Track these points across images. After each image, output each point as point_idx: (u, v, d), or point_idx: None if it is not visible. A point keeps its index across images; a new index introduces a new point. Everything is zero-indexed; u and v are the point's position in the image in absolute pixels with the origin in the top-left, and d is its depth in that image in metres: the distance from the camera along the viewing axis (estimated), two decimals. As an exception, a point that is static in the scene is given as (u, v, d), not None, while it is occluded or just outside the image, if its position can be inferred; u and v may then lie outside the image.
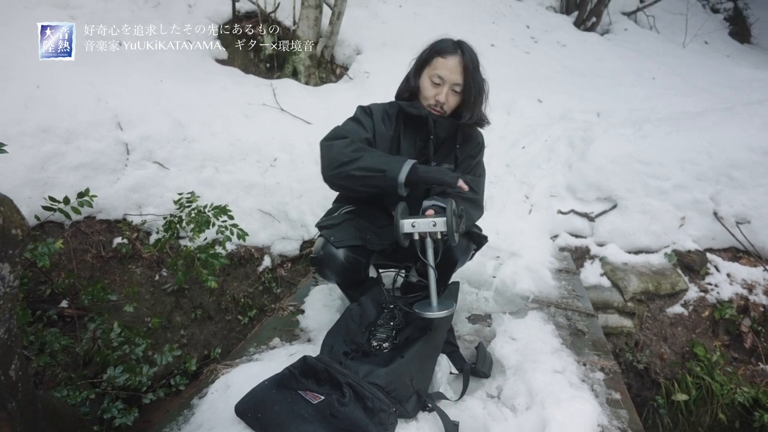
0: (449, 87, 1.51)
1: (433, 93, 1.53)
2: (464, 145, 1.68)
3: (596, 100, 4.48)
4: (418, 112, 1.56)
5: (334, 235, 1.60)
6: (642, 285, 2.71)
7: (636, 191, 3.03)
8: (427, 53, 1.55)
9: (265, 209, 3.13)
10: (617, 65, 5.88)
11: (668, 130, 3.30)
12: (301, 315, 2.06)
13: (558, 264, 2.76)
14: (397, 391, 1.26)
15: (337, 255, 1.57)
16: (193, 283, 2.73)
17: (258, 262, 3.03)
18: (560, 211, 3.18)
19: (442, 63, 1.50)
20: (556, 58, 5.93)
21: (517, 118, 4.15)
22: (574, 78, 5.32)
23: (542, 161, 3.51)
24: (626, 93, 4.70)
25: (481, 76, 1.54)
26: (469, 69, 1.48)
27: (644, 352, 2.70)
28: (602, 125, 3.67)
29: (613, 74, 5.52)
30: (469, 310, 2.11)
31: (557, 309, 2.15)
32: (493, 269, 2.50)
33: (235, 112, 3.57)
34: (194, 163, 3.01)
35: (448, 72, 1.50)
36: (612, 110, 4.15)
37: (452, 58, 1.49)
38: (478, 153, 1.73)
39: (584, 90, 4.80)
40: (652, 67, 5.89)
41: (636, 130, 3.39)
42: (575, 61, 5.90)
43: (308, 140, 3.54)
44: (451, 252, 1.60)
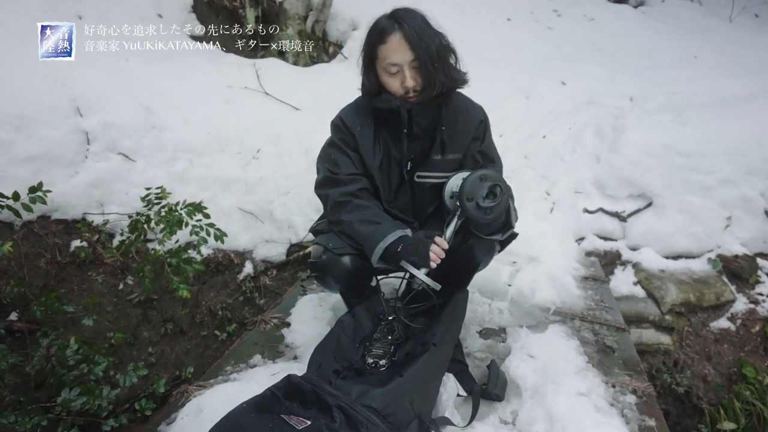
0: (408, 67, 1.51)
1: (398, 83, 1.54)
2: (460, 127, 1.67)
3: (629, 82, 4.48)
4: (389, 105, 1.57)
5: (333, 241, 1.62)
6: (682, 295, 2.71)
7: (674, 187, 3.02)
8: (367, 47, 1.57)
9: (246, 208, 3.13)
10: (653, 43, 5.88)
11: (712, 116, 3.29)
12: (286, 329, 2.05)
13: (584, 271, 2.75)
14: (395, 416, 1.25)
15: (342, 261, 1.60)
16: (162, 292, 2.72)
17: (238, 268, 3.03)
18: (586, 209, 3.18)
19: (386, 49, 1.51)
20: (583, 35, 5.92)
21: (537, 103, 4.15)
22: (604, 57, 5.31)
23: (566, 153, 3.50)
24: (664, 75, 4.70)
25: (434, 33, 1.53)
26: (414, 40, 1.48)
27: (684, 373, 2.69)
28: (636, 111, 3.66)
29: (649, 53, 5.52)
30: (481, 323, 2.10)
31: (582, 322, 2.14)
32: (508, 276, 2.49)
33: (212, 96, 3.57)
34: (165, 154, 3.01)
35: (397, 54, 1.50)
36: (647, 94, 4.14)
37: (393, 38, 1.50)
38: (483, 132, 1.72)
39: (615, 71, 4.80)
40: (694, 44, 5.88)
41: (675, 116, 3.39)
42: (605, 38, 5.89)
43: (296, 129, 3.54)
44: (471, 252, 1.60)
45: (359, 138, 1.65)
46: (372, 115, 1.67)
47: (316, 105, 3.84)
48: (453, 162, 1.68)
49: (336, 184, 1.64)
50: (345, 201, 1.60)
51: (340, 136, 1.68)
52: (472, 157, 1.68)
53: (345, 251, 1.59)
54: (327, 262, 1.61)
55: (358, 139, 1.65)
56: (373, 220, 1.55)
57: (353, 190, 1.61)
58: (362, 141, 1.65)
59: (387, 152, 1.66)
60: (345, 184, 1.62)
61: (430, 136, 1.67)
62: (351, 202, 1.59)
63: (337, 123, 1.70)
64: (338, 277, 1.62)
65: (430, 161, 1.67)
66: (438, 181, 1.68)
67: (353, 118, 1.68)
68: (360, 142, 1.65)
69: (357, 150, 1.66)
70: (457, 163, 1.68)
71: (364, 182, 1.64)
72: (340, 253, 1.59)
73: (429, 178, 1.69)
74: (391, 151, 1.66)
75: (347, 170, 1.64)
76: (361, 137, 1.65)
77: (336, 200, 1.61)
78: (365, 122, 1.67)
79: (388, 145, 1.66)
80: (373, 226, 1.53)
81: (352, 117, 1.69)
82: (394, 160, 1.67)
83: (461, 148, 1.68)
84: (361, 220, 1.55)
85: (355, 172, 1.64)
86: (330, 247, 1.60)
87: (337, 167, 1.65)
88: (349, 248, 1.59)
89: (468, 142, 1.68)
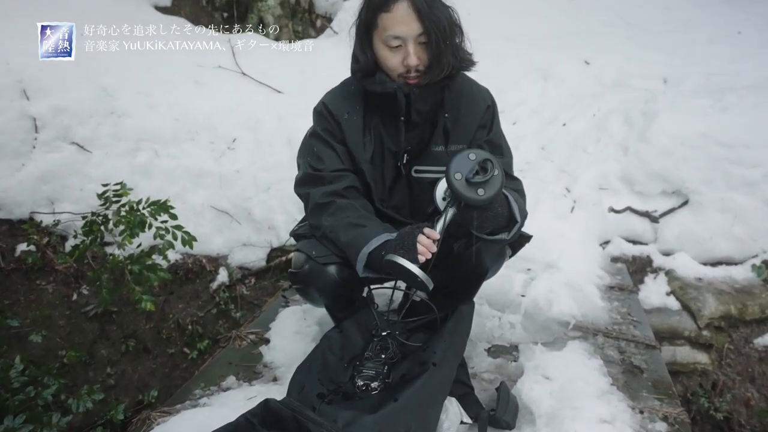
0: (414, 42, 1.50)
1: (399, 60, 1.52)
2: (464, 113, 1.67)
3: (662, 61, 4.49)
4: (383, 87, 1.56)
5: (316, 248, 1.61)
6: (722, 307, 2.72)
7: (714, 182, 3.03)
8: (365, 13, 1.55)
9: (220, 206, 3.14)
10: (690, 15, 5.89)
11: (758, 101, 3.30)
12: (265, 346, 2.06)
13: (609, 279, 2.76)
14: (388, 447, 1.25)
15: (327, 271, 1.58)
16: (123, 304, 2.73)
17: (211, 276, 3.04)
18: (612, 208, 3.18)
19: (390, 18, 1.49)
20: (609, 6, 5.93)
21: (556, 85, 4.16)
22: (633, 32, 5.32)
23: (589, 143, 3.51)
24: (702, 52, 4.71)
25: (443, 6, 1.52)
26: (424, 10, 1.47)
27: (724, 397, 2.70)
28: (669, 95, 3.67)
29: (685, 27, 5.53)
30: (489, 339, 2.10)
31: (607, 339, 2.15)
32: (521, 285, 2.49)
33: (180, 76, 3.57)
34: (126, 144, 3.01)
35: (403, 26, 1.48)
36: (683, 75, 4.16)
37: (399, 6, 1.48)
38: (491, 119, 1.71)
39: (646, 48, 4.81)
40: (738, 17, 5.89)
41: (715, 101, 3.40)
42: (634, 10, 5.91)
43: (278, 114, 3.54)
44: (479, 258, 1.59)
45: (346, 127, 1.65)
46: (362, 100, 1.67)
47: (301, 87, 3.84)
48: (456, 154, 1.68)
49: (318, 182, 1.63)
50: (327, 202, 1.59)
51: (324, 125, 1.67)
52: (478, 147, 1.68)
53: (331, 260, 1.58)
54: (310, 273, 1.60)
55: (345, 129, 1.65)
56: (357, 223, 1.54)
57: (338, 189, 1.61)
58: (350, 131, 1.65)
59: (380, 143, 1.66)
60: (329, 182, 1.62)
61: (431, 123, 1.67)
62: (334, 203, 1.59)
63: (321, 110, 1.69)
64: (323, 290, 1.61)
65: (429, 153, 1.67)
66: (439, 176, 1.68)
67: (339, 104, 1.67)
68: (347, 132, 1.65)
69: (344, 141, 1.65)
70: None
71: (351, 179, 1.64)
72: (326, 262, 1.58)
73: (429, 172, 1.69)
74: (385, 142, 1.66)
75: (332, 166, 1.63)
76: (349, 126, 1.65)
77: (317, 201, 1.60)
78: (353, 108, 1.66)
79: (380, 134, 1.66)
80: (356, 230, 1.52)
81: (337, 103, 1.68)
82: (388, 152, 1.67)
83: (466, 138, 1.67)
84: (343, 224, 1.54)
85: (340, 168, 1.63)
86: (313, 255, 1.59)
87: (320, 162, 1.64)
88: (335, 256, 1.58)
89: (473, 130, 1.68)
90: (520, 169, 3.45)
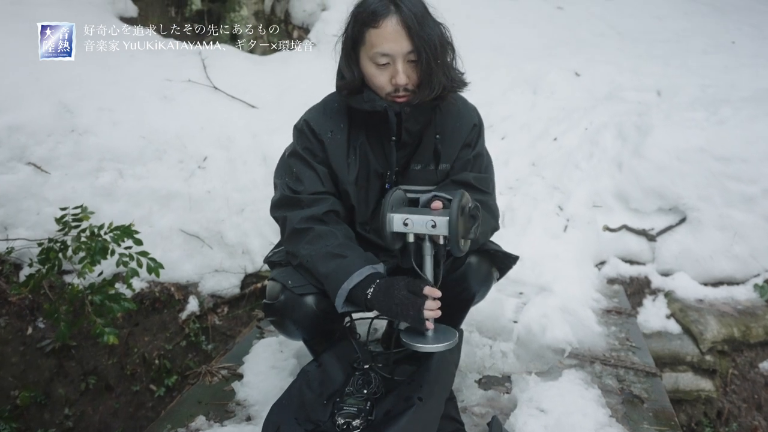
0: (403, 60, 1.51)
1: (386, 78, 1.53)
2: (450, 132, 1.68)
3: (655, 73, 4.58)
4: (372, 106, 1.56)
5: (293, 277, 1.60)
6: (724, 330, 2.73)
7: (712, 199, 3.07)
8: (353, 28, 1.56)
9: (190, 229, 3.12)
10: (683, 25, 6.04)
11: (754, 113, 3.37)
12: (238, 382, 2.02)
13: (605, 302, 2.77)
14: (372, 491, 1.23)
15: (304, 302, 1.56)
16: (83, 338, 2.69)
17: (180, 305, 3.01)
18: (608, 227, 3.21)
19: (378, 35, 1.50)
20: (599, 16, 6.06)
21: (545, 98, 4.22)
22: (624, 43, 5.43)
23: (581, 158, 3.55)
24: (696, 63, 4.81)
25: (434, 23, 1.54)
26: (414, 27, 1.48)
27: (730, 426, 2.70)
28: (664, 108, 3.73)
29: (678, 37, 5.66)
30: (480, 370, 2.09)
31: (605, 366, 2.14)
32: (513, 311, 2.49)
33: (147, 91, 3.56)
34: (87, 164, 3.00)
35: (391, 43, 1.49)
36: (677, 87, 4.24)
37: (388, 23, 1.49)
38: (477, 138, 1.73)
39: (638, 59, 4.91)
40: (731, 26, 6.05)
41: (710, 114, 3.46)
42: (625, 20, 6.04)
43: (253, 130, 3.54)
44: (465, 282, 1.60)
45: (329, 146, 1.64)
46: (347, 118, 1.67)
47: (276, 101, 3.85)
48: (442, 173, 1.69)
49: (296, 205, 1.62)
50: (306, 228, 1.58)
51: (306, 144, 1.66)
52: (461, 166, 1.69)
53: (308, 290, 1.56)
54: (285, 304, 1.57)
55: (329, 148, 1.64)
56: (337, 253, 1.52)
57: (317, 213, 1.59)
58: (333, 150, 1.64)
59: (365, 163, 1.66)
60: (307, 205, 1.60)
61: (417, 143, 1.68)
62: (312, 229, 1.57)
63: (302, 128, 1.68)
64: (300, 322, 1.59)
65: (411, 172, 1.67)
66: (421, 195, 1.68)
67: (322, 122, 1.67)
68: (330, 151, 1.64)
69: (327, 162, 1.64)
70: (446, 175, 1.69)
71: (332, 203, 1.63)
72: (302, 293, 1.56)
73: (413, 192, 1.69)
74: (371, 162, 1.66)
75: (311, 188, 1.62)
76: (332, 146, 1.65)
77: (295, 227, 1.59)
78: (337, 126, 1.66)
79: (366, 154, 1.66)
80: (336, 261, 1.51)
81: (320, 120, 1.67)
82: (374, 173, 1.67)
83: (451, 157, 1.68)
84: (322, 253, 1.53)
85: (320, 191, 1.62)
86: (289, 284, 1.57)
87: (299, 183, 1.63)
88: (312, 286, 1.56)
89: (458, 149, 1.69)
90: (509, 186, 3.49)
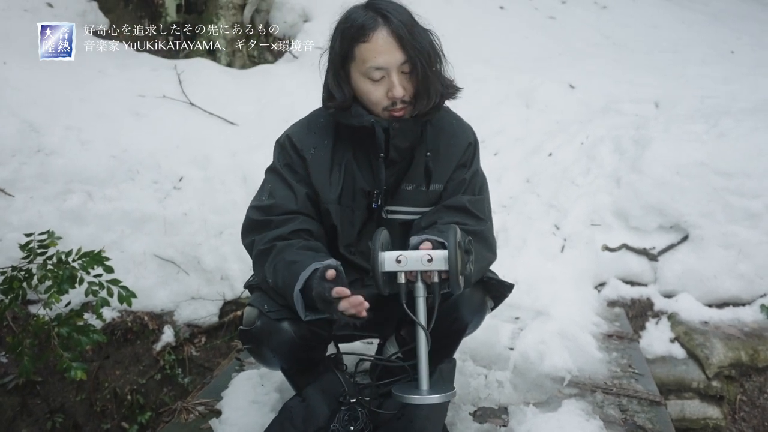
0: (397, 72, 1.53)
1: (383, 93, 1.55)
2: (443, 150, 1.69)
3: (653, 84, 4.65)
4: (360, 121, 1.58)
5: (269, 302, 1.58)
6: (731, 354, 2.74)
7: (714, 215, 3.10)
8: (340, 44, 1.58)
9: (165, 254, 3.10)
10: (680, 34, 6.15)
11: (756, 125, 3.42)
12: (216, 419, 1.99)
13: (606, 326, 2.76)
14: None
15: (281, 327, 1.55)
16: (49, 373, 2.66)
17: (154, 336, 2.98)
18: (607, 246, 3.22)
19: (368, 49, 1.52)
20: (594, 26, 6.17)
21: (539, 111, 4.26)
22: (620, 53, 5.52)
23: (578, 174, 3.58)
24: (695, 73, 4.90)
25: (423, 31, 1.57)
26: (405, 37, 1.51)
27: (740, 456, 2.70)
28: (662, 120, 3.78)
29: (676, 47, 5.76)
30: (474, 401, 2.07)
31: (606, 395, 2.14)
32: (509, 337, 2.48)
33: (119, 108, 3.56)
34: (54, 186, 2.98)
35: (384, 56, 1.51)
36: (676, 98, 4.30)
37: (379, 35, 1.51)
38: (472, 158, 1.74)
39: (635, 70, 4.99)
40: (730, 36, 6.17)
41: (710, 126, 3.51)
42: (621, 30, 6.15)
43: (231, 149, 3.53)
44: (457, 311, 1.59)
45: (311, 163, 1.65)
46: (332, 134, 1.68)
47: (257, 117, 3.85)
48: (434, 194, 1.69)
49: (265, 227, 1.59)
50: (269, 248, 1.56)
51: (286, 160, 1.67)
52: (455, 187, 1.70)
53: (284, 314, 1.54)
54: (262, 330, 1.56)
55: (310, 165, 1.65)
56: (290, 260, 1.50)
57: (283, 233, 1.57)
58: (315, 167, 1.65)
59: (350, 181, 1.66)
60: (276, 226, 1.59)
61: (407, 161, 1.68)
62: (274, 247, 1.55)
63: (284, 143, 1.69)
64: (277, 349, 1.57)
65: (401, 192, 1.68)
66: (413, 217, 1.69)
67: (305, 138, 1.68)
68: (312, 168, 1.65)
69: (307, 180, 1.65)
70: (438, 196, 1.69)
71: (301, 221, 1.61)
72: (279, 318, 1.54)
73: (403, 213, 1.70)
74: (357, 181, 1.66)
75: (283, 206, 1.60)
76: (314, 162, 1.65)
77: (260, 248, 1.57)
78: (321, 143, 1.67)
79: (352, 172, 1.66)
80: (290, 269, 1.48)
81: (303, 136, 1.68)
82: (361, 192, 1.67)
83: (444, 176, 1.69)
84: (281, 267, 1.51)
85: (292, 210, 1.61)
86: (266, 309, 1.56)
87: (271, 199, 1.61)
88: (289, 310, 1.54)
89: (452, 168, 1.70)
90: (503, 204, 3.50)
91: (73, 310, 2.34)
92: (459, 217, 1.62)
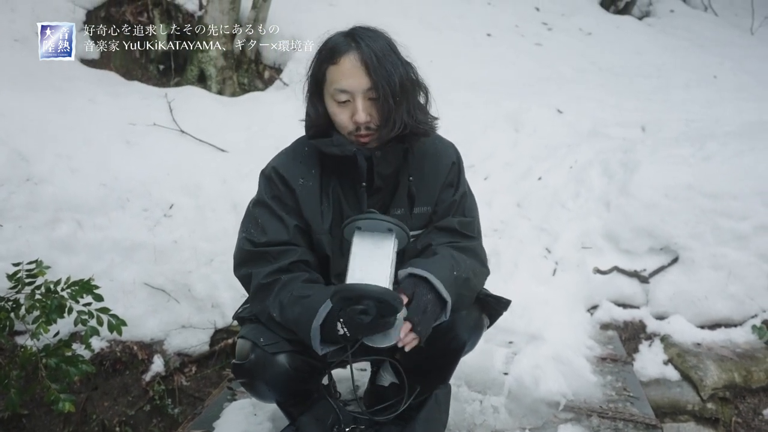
0: (363, 98, 1.54)
1: (347, 116, 1.56)
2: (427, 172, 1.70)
3: (639, 108, 4.72)
4: (342, 150, 1.58)
5: (264, 334, 1.57)
6: (724, 375, 2.74)
7: (704, 237, 3.12)
8: (315, 66, 1.61)
9: (155, 282, 3.09)
10: (664, 60, 6.27)
11: (740, 148, 3.47)
12: (208, 450, 1.97)
13: (600, 350, 2.76)
14: None
15: (276, 360, 1.54)
16: (36, 405, 2.62)
17: (144, 366, 2.95)
18: (598, 269, 3.23)
19: (337, 71, 1.54)
20: (580, 52, 6.28)
21: (528, 135, 4.30)
22: (607, 78, 5.61)
23: (568, 198, 3.60)
24: (679, 97, 4.98)
25: (399, 61, 1.57)
26: (372, 63, 1.52)
27: (737, 479, 2.68)
28: (649, 143, 3.83)
29: (660, 72, 5.87)
30: (470, 428, 2.05)
31: (602, 419, 2.13)
32: (503, 362, 2.47)
33: (109, 136, 3.56)
34: (43, 215, 2.97)
35: (350, 80, 1.53)
36: (662, 122, 4.37)
37: (346, 59, 1.53)
38: (457, 177, 1.75)
39: (621, 95, 5.06)
40: (712, 61, 6.30)
41: (696, 149, 3.55)
42: (606, 55, 6.26)
43: (222, 176, 3.54)
44: (453, 331, 1.59)
45: (301, 195, 1.64)
46: (318, 162, 1.68)
47: (247, 145, 3.86)
48: (422, 217, 1.69)
49: (262, 259, 1.60)
50: (272, 282, 1.56)
51: (274, 192, 1.66)
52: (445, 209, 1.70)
53: (280, 347, 1.54)
54: (256, 364, 1.55)
55: (300, 196, 1.64)
56: (301, 295, 1.51)
57: (284, 265, 1.58)
58: (305, 198, 1.64)
59: (339, 210, 1.67)
60: (274, 258, 1.58)
61: (393, 186, 1.69)
62: (278, 280, 1.56)
63: (270, 175, 1.68)
64: (273, 383, 1.55)
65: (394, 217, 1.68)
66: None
67: (292, 168, 1.67)
68: (302, 199, 1.64)
69: (298, 211, 1.64)
70: (427, 218, 1.70)
71: (300, 253, 1.62)
72: (275, 351, 1.54)
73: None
74: (344, 209, 1.66)
75: (277, 238, 1.60)
76: (304, 193, 1.65)
77: (260, 282, 1.58)
78: (308, 173, 1.67)
79: (339, 200, 1.67)
80: (301, 303, 1.49)
81: (290, 166, 1.68)
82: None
83: (431, 199, 1.70)
84: (288, 301, 1.51)
85: (286, 241, 1.61)
86: (261, 342, 1.55)
87: (263, 235, 1.61)
88: (285, 343, 1.54)
89: (438, 190, 1.70)
90: (494, 228, 3.51)
91: (61, 340, 2.33)
92: (450, 237, 1.65)
